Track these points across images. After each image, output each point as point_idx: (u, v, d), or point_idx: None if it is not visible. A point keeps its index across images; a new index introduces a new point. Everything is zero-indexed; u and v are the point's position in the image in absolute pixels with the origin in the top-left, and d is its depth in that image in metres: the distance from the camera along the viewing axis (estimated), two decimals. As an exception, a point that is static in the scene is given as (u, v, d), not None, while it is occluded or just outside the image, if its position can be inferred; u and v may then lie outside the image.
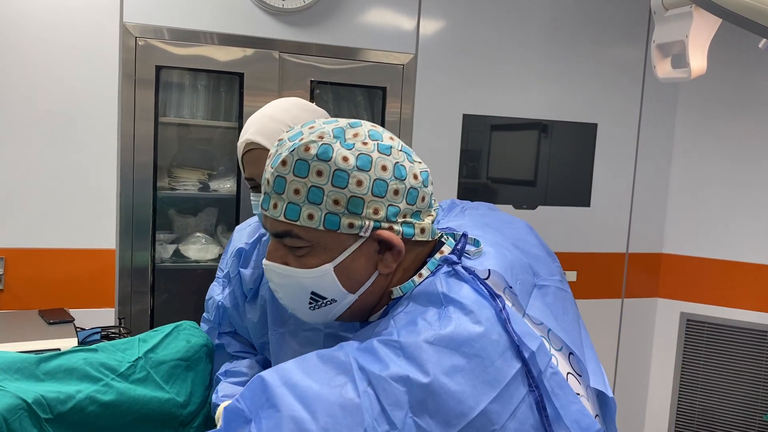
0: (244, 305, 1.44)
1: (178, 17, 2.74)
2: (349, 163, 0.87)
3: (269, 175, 0.89)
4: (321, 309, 0.93)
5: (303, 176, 0.86)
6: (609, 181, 3.48)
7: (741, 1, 0.96)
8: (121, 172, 2.72)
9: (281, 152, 0.89)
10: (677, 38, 1.50)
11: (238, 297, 1.44)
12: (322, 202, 0.87)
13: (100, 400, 1.26)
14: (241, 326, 1.46)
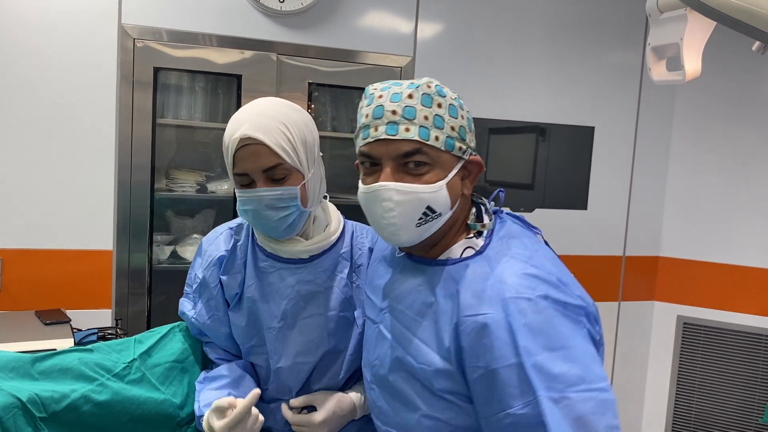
0: (225, 314, 1.42)
1: (176, 19, 2.74)
2: (456, 101, 1.12)
3: (395, 107, 1.07)
4: (425, 225, 1.08)
5: (428, 106, 1.08)
6: (606, 184, 3.49)
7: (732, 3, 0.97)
8: (119, 173, 2.72)
9: (401, 90, 1.08)
10: (672, 41, 1.51)
11: (218, 306, 1.42)
12: (444, 127, 1.08)
13: (95, 399, 1.26)
14: (220, 336, 1.45)
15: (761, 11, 0.96)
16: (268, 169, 1.26)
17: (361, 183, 1.14)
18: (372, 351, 1.24)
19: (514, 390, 0.95)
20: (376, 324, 1.25)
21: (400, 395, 1.14)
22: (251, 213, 1.30)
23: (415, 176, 1.08)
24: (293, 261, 1.38)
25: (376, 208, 1.10)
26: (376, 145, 1.09)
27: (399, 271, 1.22)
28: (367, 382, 1.26)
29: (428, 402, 1.09)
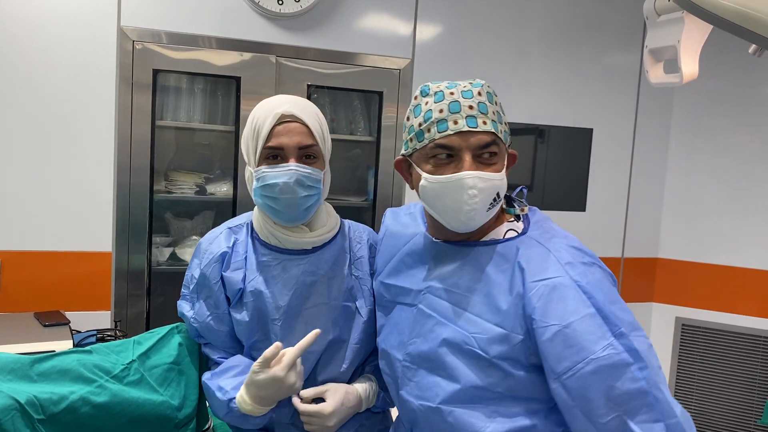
0: (226, 312, 1.43)
1: (176, 21, 2.75)
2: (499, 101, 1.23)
3: (470, 102, 1.17)
4: (491, 210, 1.20)
5: (492, 103, 1.19)
6: (604, 186, 3.49)
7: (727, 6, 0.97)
8: (118, 175, 2.73)
9: (469, 88, 1.18)
10: (669, 43, 1.51)
11: (218, 304, 1.42)
12: (502, 123, 1.20)
13: (94, 401, 1.26)
14: (220, 335, 1.45)
15: (756, 14, 0.96)
16: (304, 147, 1.34)
17: (430, 174, 1.19)
18: (406, 332, 1.29)
19: (593, 336, 1.06)
20: (412, 306, 1.30)
21: (445, 368, 1.20)
22: (279, 187, 1.32)
23: (487, 165, 1.18)
24: (296, 252, 1.41)
25: (460, 195, 1.16)
26: (457, 136, 1.16)
27: (433, 257, 1.29)
28: (398, 362, 1.29)
29: (477, 370, 1.17)
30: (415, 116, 1.22)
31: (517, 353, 1.14)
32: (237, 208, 2.91)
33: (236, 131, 2.90)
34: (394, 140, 3.13)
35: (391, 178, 3.14)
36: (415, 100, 1.24)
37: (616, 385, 1.04)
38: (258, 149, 1.34)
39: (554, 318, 1.09)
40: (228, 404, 1.34)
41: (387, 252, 1.43)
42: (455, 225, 1.21)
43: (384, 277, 1.40)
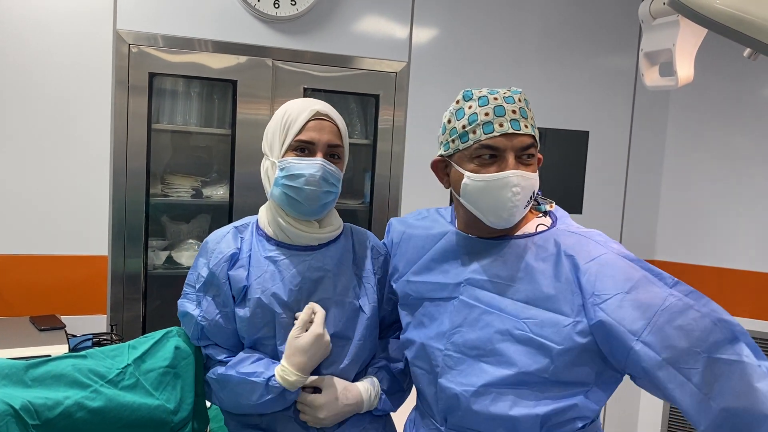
0: (233, 309, 1.44)
1: (172, 24, 2.75)
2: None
3: (513, 107, 1.27)
4: (527, 206, 1.28)
5: (529, 109, 1.30)
6: (601, 189, 3.49)
7: (720, 9, 0.97)
8: (114, 178, 2.72)
9: (510, 94, 1.29)
10: (665, 47, 1.51)
11: (226, 302, 1.44)
12: (535, 126, 1.30)
13: (89, 406, 1.26)
14: (226, 333, 1.46)
15: (750, 17, 0.96)
16: (333, 146, 1.42)
17: (475, 173, 1.27)
18: (446, 323, 1.33)
19: (653, 292, 1.17)
20: (450, 299, 1.34)
21: (495, 354, 1.26)
22: (305, 178, 1.37)
23: (526, 165, 1.27)
24: (302, 248, 1.45)
25: (504, 192, 1.24)
26: (502, 138, 1.25)
27: (467, 252, 1.36)
28: (438, 352, 1.33)
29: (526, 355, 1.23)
30: (458, 119, 1.31)
31: (566, 336, 1.20)
32: (233, 211, 2.90)
33: (233, 134, 2.90)
34: (390, 143, 3.13)
35: (388, 180, 3.14)
36: (457, 104, 1.33)
37: (691, 325, 1.12)
38: (287, 140, 1.40)
39: (615, 288, 1.18)
40: (267, 384, 1.36)
41: (411, 253, 1.47)
42: (496, 221, 1.28)
43: (411, 276, 1.44)
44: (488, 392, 1.25)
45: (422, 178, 3.18)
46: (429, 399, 1.37)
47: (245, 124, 2.89)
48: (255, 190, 2.92)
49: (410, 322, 1.43)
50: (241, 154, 2.90)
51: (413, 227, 1.51)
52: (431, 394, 1.36)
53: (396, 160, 3.15)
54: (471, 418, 1.27)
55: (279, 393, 1.36)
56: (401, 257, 1.50)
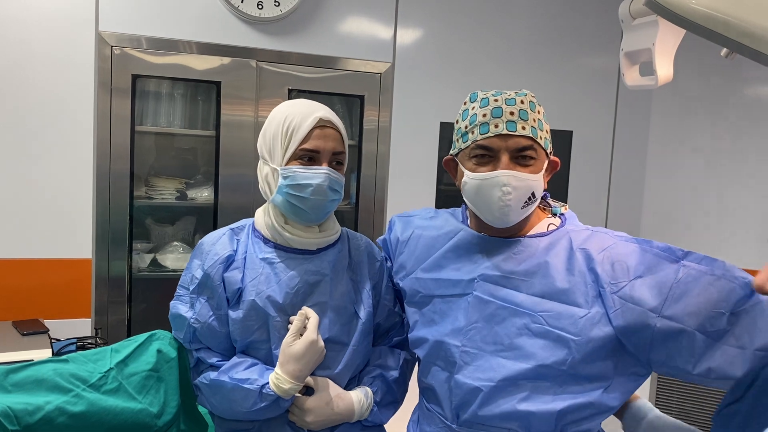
0: (227, 312, 1.42)
1: (154, 26, 2.74)
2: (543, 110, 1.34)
3: (512, 109, 1.27)
4: (526, 208, 1.29)
5: (533, 111, 1.29)
6: (585, 188, 3.51)
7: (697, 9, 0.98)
8: (97, 181, 2.70)
9: (513, 96, 1.30)
10: (644, 46, 1.52)
11: (220, 305, 1.42)
12: (543, 130, 1.31)
13: (70, 411, 1.25)
14: (219, 336, 1.44)
15: (724, 17, 0.97)
16: (337, 153, 1.41)
17: (471, 172, 1.30)
18: (462, 319, 1.34)
19: (665, 269, 1.21)
20: (464, 295, 1.35)
21: (513, 348, 1.28)
22: (312, 188, 1.36)
23: (524, 167, 1.28)
24: (300, 252, 1.43)
25: (495, 191, 1.26)
26: (497, 138, 1.27)
27: (480, 250, 1.37)
28: (455, 348, 1.33)
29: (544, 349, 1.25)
30: (463, 119, 1.35)
31: (582, 328, 1.23)
32: (218, 213, 2.90)
33: (217, 136, 2.89)
34: (375, 144, 3.13)
35: (374, 181, 3.14)
36: (464, 105, 1.36)
37: (708, 290, 1.16)
38: (291, 148, 1.37)
39: (630, 273, 1.23)
40: (261, 391, 1.34)
41: (421, 251, 1.47)
42: (490, 219, 1.31)
43: (421, 273, 1.44)
44: (506, 387, 1.26)
45: (408, 179, 3.19)
46: (441, 396, 1.36)
47: (229, 126, 2.88)
48: (240, 192, 2.91)
49: (418, 320, 1.43)
50: (225, 155, 2.89)
51: (423, 227, 1.51)
52: (445, 390, 1.35)
53: (381, 160, 3.15)
54: (487, 413, 1.28)
55: (273, 401, 1.35)
56: (409, 255, 1.49)
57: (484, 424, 1.29)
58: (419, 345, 1.42)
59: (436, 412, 1.38)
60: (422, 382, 1.44)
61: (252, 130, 2.91)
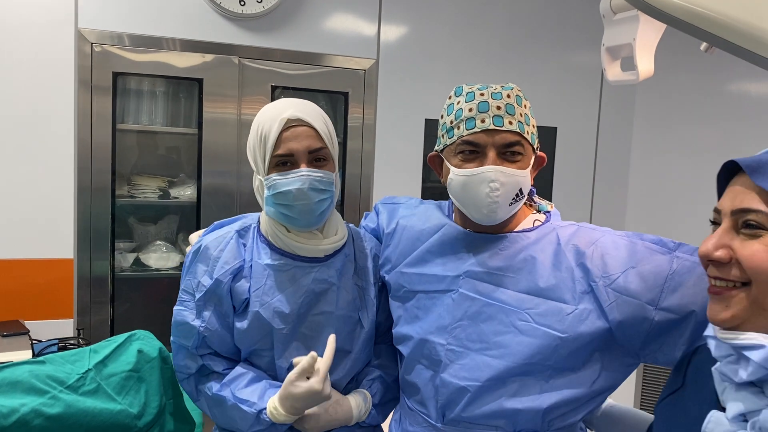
0: (233, 319, 1.39)
1: (135, 23, 2.71)
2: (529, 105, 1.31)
3: (498, 103, 1.24)
4: (514, 204, 1.27)
5: (520, 106, 1.26)
6: (569, 184, 3.52)
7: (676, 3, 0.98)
8: (79, 180, 2.67)
9: (499, 90, 1.26)
10: (625, 41, 1.52)
11: (228, 313, 1.38)
12: (529, 124, 1.28)
13: (46, 413, 1.23)
14: (228, 343, 1.41)
15: (703, 11, 0.97)
16: (314, 150, 1.32)
17: (458, 168, 1.27)
18: (447, 316, 1.32)
19: (659, 260, 1.22)
20: (448, 292, 1.33)
21: (498, 346, 1.26)
22: (293, 194, 1.30)
23: (511, 162, 1.25)
24: (308, 260, 1.39)
25: (482, 188, 1.23)
26: (483, 134, 1.24)
27: (465, 246, 1.35)
28: (440, 346, 1.31)
29: (529, 346, 1.24)
30: (448, 114, 1.31)
31: (569, 325, 1.22)
32: (201, 211, 2.87)
33: (199, 134, 2.86)
34: (360, 141, 3.12)
35: (359, 179, 3.13)
36: (449, 99, 1.33)
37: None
38: (267, 157, 1.32)
39: (622, 265, 1.22)
40: (258, 416, 1.32)
41: (405, 244, 1.44)
42: (478, 217, 1.28)
43: (405, 267, 1.41)
44: (493, 386, 1.25)
45: (393, 176, 3.18)
46: (425, 395, 1.34)
47: (212, 123, 2.86)
48: (223, 190, 2.89)
49: (402, 315, 1.41)
50: (208, 153, 2.86)
51: (408, 218, 1.48)
52: (430, 389, 1.33)
53: (366, 158, 3.14)
54: (473, 412, 1.27)
55: (269, 426, 1.32)
56: (394, 248, 1.46)
57: (471, 423, 1.28)
58: (403, 342, 1.40)
59: (419, 412, 1.36)
60: (405, 380, 1.41)
61: (235, 127, 2.89)
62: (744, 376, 0.83)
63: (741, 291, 0.86)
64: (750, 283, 0.85)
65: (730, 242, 0.89)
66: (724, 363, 0.87)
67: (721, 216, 0.92)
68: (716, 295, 0.89)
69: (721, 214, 0.93)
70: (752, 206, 0.87)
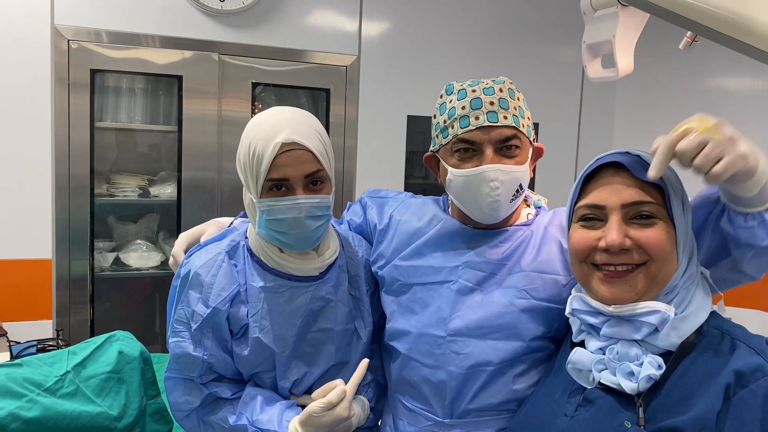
0: (231, 344, 1.35)
1: (113, 19, 2.67)
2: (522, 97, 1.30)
3: (491, 98, 1.23)
4: (515, 200, 1.26)
5: (513, 98, 1.26)
6: (551, 180, 3.53)
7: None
8: (56, 179, 2.64)
9: (491, 85, 1.26)
10: (605, 38, 1.53)
11: (226, 338, 1.34)
12: (524, 117, 1.27)
13: (24, 416, 1.21)
14: (231, 366, 1.37)
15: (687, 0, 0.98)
16: (310, 174, 1.25)
17: (456, 168, 1.25)
18: (446, 308, 1.30)
19: None
20: (446, 282, 1.31)
21: (502, 329, 1.26)
22: (288, 222, 1.24)
23: (509, 158, 1.24)
24: (304, 278, 1.34)
25: (483, 187, 1.22)
26: (478, 131, 1.22)
27: (463, 239, 1.34)
28: (440, 339, 1.29)
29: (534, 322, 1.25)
30: (440, 114, 1.30)
31: (567, 295, 1.19)
32: (182, 210, 2.85)
33: (179, 131, 2.84)
34: (343, 138, 3.11)
35: (341, 176, 3.12)
36: (441, 98, 1.31)
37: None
38: (260, 180, 1.24)
39: None
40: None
41: (399, 239, 1.40)
42: (480, 216, 1.28)
43: (400, 261, 1.38)
44: (501, 369, 1.24)
45: (376, 173, 3.18)
46: (429, 391, 1.30)
47: (192, 121, 2.83)
48: (204, 188, 2.87)
49: (396, 310, 1.37)
50: (188, 151, 2.84)
51: (402, 212, 1.44)
52: (433, 384, 1.29)
53: (349, 154, 3.13)
54: (483, 401, 1.25)
55: None
56: (388, 244, 1.42)
57: (482, 411, 1.26)
58: (399, 338, 1.36)
59: (421, 410, 1.32)
60: (402, 377, 1.36)
61: (215, 124, 2.86)
62: (640, 336, 1.00)
63: (640, 271, 1.01)
64: (646, 263, 1.00)
65: (626, 232, 1.01)
66: (607, 326, 1.03)
67: (607, 211, 1.03)
68: (618, 278, 1.02)
69: (607, 208, 1.03)
70: (644, 199, 1.01)
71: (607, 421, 0.99)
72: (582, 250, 1.06)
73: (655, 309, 0.99)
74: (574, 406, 1.05)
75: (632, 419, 0.97)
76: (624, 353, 1.00)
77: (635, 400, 0.98)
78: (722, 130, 0.94)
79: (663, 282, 1.01)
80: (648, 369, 0.97)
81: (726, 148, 0.94)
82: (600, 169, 1.08)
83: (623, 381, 0.99)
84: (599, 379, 1.02)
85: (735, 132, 0.96)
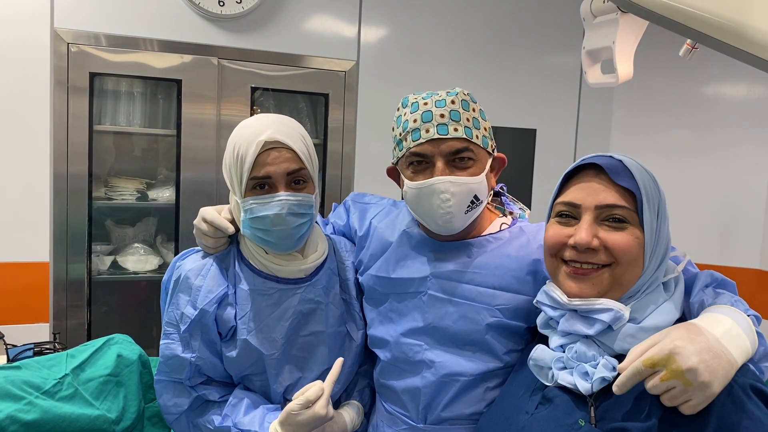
0: (221, 345, 1.36)
1: (113, 23, 2.67)
2: (480, 108, 1.31)
3: (442, 111, 1.24)
4: (471, 212, 1.25)
5: (467, 110, 1.26)
6: (549, 185, 3.54)
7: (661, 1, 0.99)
8: (55, 182, 2.63)
9: (443, 97, 1.26)
10: (605, 44, 1.54)
11: (215, 340, 1.35)
12: (480, 128, 1.27)
13: (22, 419, 1.21)
14: (219, 368, 1.38)
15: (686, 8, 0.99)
16: (293, 172, 1.28)
17: (410, 180, 1.27)
18: (419, 317, 1.32)
19: None
20: (419, 293, 1.33)
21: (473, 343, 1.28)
22: (270, 219, 1.26)
23: (462, 170, 1.24)
24: (292, 281, 1.36)
25: (434, 199, 1.23)
26: (429, 144, 1.24)
27: (431, 249, 1.35)
28: (416, 346, 1.32)
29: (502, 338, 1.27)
30: (397, 126, 1.31)
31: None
32: (180, 213, 2.84)
33: (178, 135, 2.84)
34: (341, 143, 3.11)
35: (339, 181, 3.12)
36: (398, 111, 1.33)
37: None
38: (243, 180, 1.27)
39: None
40: None
41: (375, 247, 1.43)
42: (435, 228, 1.28)
43: (376, 271, 1.40)
44: (473, 382, 1.27)
45: (373, 178, 3.18)
46: (405, 397, 1.33)
47: (191, 125, 2.83)
48: (202, 192, 2.87)
49: (375, 318, 1.41)
50: (187, 155, 2.84)
51: (380, 220, 1.47)
52: (410, 391, 1.33)
53: (347, 159, 3.13)
54: (455, 411, 1.28)
55: None
56: (366, 251, 1.45)
57: (454, 419, 1.29)
58: (379, 346, 1.39)
59: (399, 414, 1.36)
60: (382, 383, 1.40)
61: (214, 129, 2.86)
62: (592, 332, 1.03)
63: (605, 271, 1.04)
64: (611, 264, 1.04)
65: (595, 232, 1.04)
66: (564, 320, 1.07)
67: (581, 210, 1.08)
68: (583, 276, 1.05)
69: (582, 208, 1.08)
70: (617, 203, 1.04)
71: (563, 419, 1.02)
72: (554, 245, 1.10)
73: (608, 307, 1.02)
74: (535, 404, 1.09)
75: (585, 418, 1.01)
76: (582, 353, 1.04)
77: (587, 400, 1.02)
78: (690, 377, 0.88)
79: (627, 285, 1.04)
80: (602, 371, 1.00)
81: (695, 393, 0.89)
82: (583, 169, 1.13)
83: (579, 381, 1.02)
84: (557, 378, 1.06)
85: (708, 375, 0.89)
